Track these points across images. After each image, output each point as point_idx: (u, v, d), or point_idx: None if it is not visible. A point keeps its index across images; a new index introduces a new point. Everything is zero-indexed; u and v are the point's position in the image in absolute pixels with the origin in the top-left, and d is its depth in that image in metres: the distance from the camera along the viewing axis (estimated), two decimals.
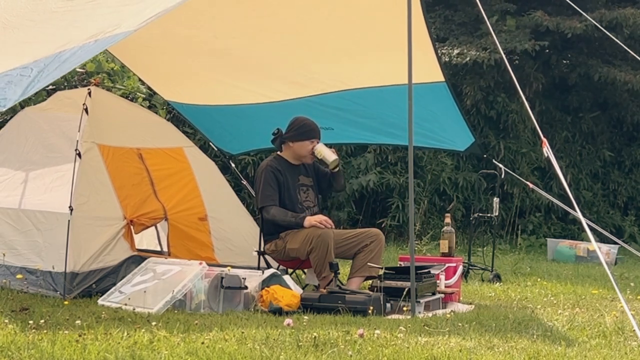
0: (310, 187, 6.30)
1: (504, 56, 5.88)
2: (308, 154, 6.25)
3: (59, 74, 4.55)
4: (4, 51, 5.40)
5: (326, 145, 6.33)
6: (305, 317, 4.87)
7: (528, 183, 7.97)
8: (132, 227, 6.10)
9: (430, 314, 5.40)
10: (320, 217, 5.97)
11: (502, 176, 7.93)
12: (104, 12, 5.48)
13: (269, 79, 7.24)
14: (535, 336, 4.56)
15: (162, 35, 6.73)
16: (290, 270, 6.39)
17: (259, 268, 6.20)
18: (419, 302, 5.52)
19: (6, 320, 4.39)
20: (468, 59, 13.35)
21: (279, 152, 6.33)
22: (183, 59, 7.10)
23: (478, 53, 13.32)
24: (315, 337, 4.15)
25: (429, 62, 6.38)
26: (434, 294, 5.84)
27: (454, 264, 6.32)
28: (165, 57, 7.10)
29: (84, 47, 4.56)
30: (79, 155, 5.94)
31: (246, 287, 5.42)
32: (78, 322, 4.43)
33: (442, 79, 6.70)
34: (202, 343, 3.99)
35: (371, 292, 5.50)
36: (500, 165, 7.79)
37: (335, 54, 6.88)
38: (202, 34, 6.75)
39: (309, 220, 5.93)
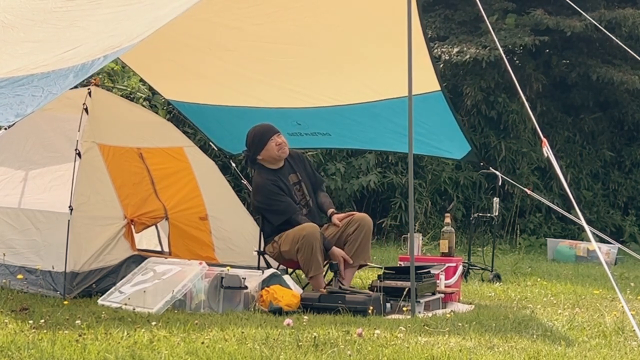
0: (299, 183, 6.29)
1: (502, 54, 5.88)
2: (279, 149, 6.19)
3: (65, 89, 4.59)
4: (4, 50, 5.41)
5: (325, 149, 6.35)
6: (305, 317, 4.87)
7: (526, 189, 7.99)
8: (132, 226, 6.10)
9: (430, 314, 5.40)
10: (341, 253, 5.98)
11: (500, 183, 7.94)
12: (104, 12, 5.48)
13: (267, 87, 7.26)
14: (535, 336, 4.56)
15: (164, 35, 6.74)
16: (290, 270, 6.40)
17: (259, 268, 6.21)
18: (419, 302, 5.53)
19: (6, 320, 4.39)
20: (468, 56, 13.36)
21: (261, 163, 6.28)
22: (184, 59, 7.12)
23: (478, 51, 13.33)
24: (315, 337, 4.15)
25: (423, 73, 6.35)
26: (434, 294, 5.84)
27: (454, 264, 6.33)
28: (166, 56, 7.11)
29: (94, 62, 4.60)
30: (79, 155, 5.94)
31: (246, 287, 5.42)
32: (78, 322, 4.43)
33: (437, 88, 6.69)
34: (202, 343, 3.99)
35: (371, 292, 5.50)
36: (498, 173, 7.81)
37: (328, 67, 6.90)
38: (203, 39, 6.78)
39: (335, 251, 5.96)
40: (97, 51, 4.71)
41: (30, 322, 4.34)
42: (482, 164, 8.04)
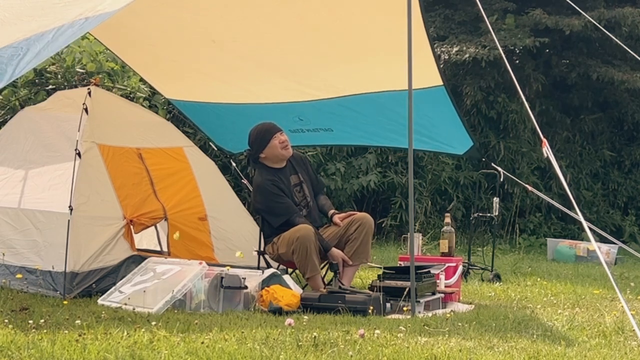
0: (301, 184, 6.29)
1: (502, 53, 5.87)
2: (282, 147, 6.18)
3: (49, 53, 4.53)
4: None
5: (326, 148, 6.34)
6: (305, 317, 4.87)
7: (527, 186, 7.98)
8: (132, 226, 6.10)
9: (430, 314, 5.40)
10: (341, 254, 5.99)
11: (502, 180, 7.94)
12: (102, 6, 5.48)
13: (268, 81, 7.25)
14: (535, 336, 4.56)
15: (164, 34, 6.74)
16: (290, 270, 6.40)
17: (259, 268, 6.21)
18: (419, 302, 5.53)
19: (6, 320, 4.39)
20: (467, 55, 13.36)
21: (263, 163, 6.27)
22: (184, 57, 7.12)
23: (477, 50, 13.33)
24: (315, 337, 4.15)
25: (426, 67, 6.35)
26: (434, 293, 5.84)
27: (454, 264, 6.33)
28: (166, 55, 7.11)
29: (74, 23, 4.54)
30: (79, 155, 5.94)
31: (246, 287, 5.43)
32: (78, 322, 4.43)
33: (440, 82, 6.68)
34: (202, 343, 3.99)
35: (371, 292, 5.50)
36: (499, 169, 7.80)
37: (331, 60, 6.89)
38: (203, 34, 6.77)
39: (334, 252, 5.97)
40: (80, 14, 4.66)
41: (30, 322, 4.34)
42: (483, 159, 8.04)
